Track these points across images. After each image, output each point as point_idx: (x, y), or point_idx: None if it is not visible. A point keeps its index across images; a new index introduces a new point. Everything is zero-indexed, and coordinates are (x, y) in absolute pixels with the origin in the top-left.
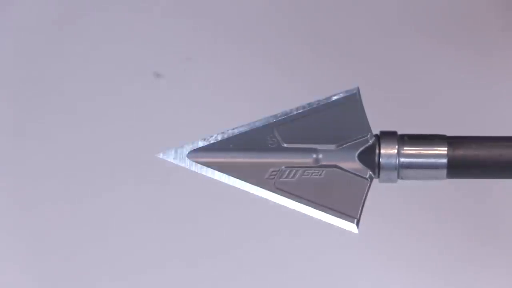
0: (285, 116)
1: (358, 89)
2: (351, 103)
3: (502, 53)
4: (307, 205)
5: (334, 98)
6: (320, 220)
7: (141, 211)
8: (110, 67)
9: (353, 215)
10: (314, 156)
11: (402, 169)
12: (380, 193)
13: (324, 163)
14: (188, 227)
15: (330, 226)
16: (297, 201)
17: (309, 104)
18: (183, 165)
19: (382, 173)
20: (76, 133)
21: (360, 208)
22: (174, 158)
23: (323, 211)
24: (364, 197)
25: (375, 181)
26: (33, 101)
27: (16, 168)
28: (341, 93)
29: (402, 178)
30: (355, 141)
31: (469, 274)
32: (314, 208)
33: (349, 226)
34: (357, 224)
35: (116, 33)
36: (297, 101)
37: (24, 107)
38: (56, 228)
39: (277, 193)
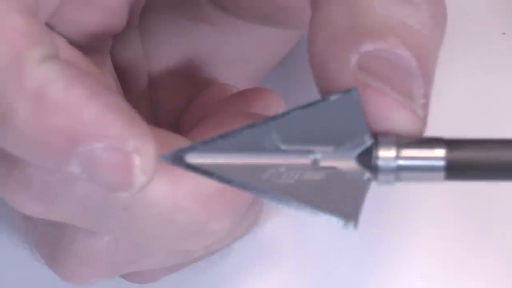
0: (283, 117)
1: (356, 89)
2: (349, 103)
3: (502, 57)
4: (305, 206)
5: (333, 98)
6: (318, 221)
7: None
8: None
9: (351, 216)
10: (313, 157)
11: (400, 172)
12: (379, 194)
13: (322, 164)
14: None
15: (329, 227)
16: (295, 203)
17: (307, 104)
18: (180, 167)
19: (380, 176)
20: None
21: (359, 209)
22: (172, 160)
23: (321, 212)
24: (362, 198)
25: (373, 182)
26: None
27: None
28: (339, 93)
29: (400, 181)
30: (354, 142)
31: (468, 274)
32: (313, 209)
33: (347, 227)
34: (355, 225)
35: None
36: (296, 101)
37: None
38: None
39: (275, 195)
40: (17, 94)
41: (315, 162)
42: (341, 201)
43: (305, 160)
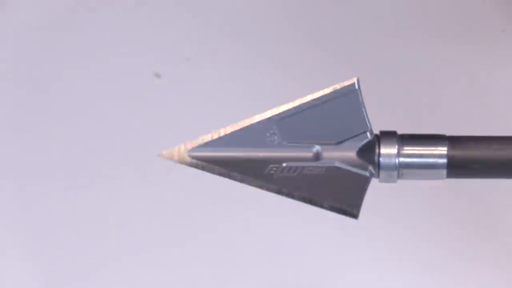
0: (285, 111)
1: (357, 79)
2: (351, 96)
3: (502, 53)
4: (307, 202)
5: (334, 91)
6: (320, 219)
7: (141, 211)
8: (110, 67)
9: (352, 212)
10: (314, 152)
11: (402, 169)
12: (380, 192)
13: (324, 159)
14: (188, 226)
15: (329, 225)
16: (297, 194)
17: (308, 98)
18: (183, 163)
19: (382, 173)
20: (75, 133)
21: (360, 205)
22: (174, 157)
23: (322, 207)
24: (363, 193)
25: (375, 180)
26: (33, 101)
27: (16, 168)
28: (340, 85)
29: (402, 178)
30: (355, 137)
31: (468, 273)
32: (314, 204)
33: (349, 217)
34: (356, 216)
35: (116, 33)
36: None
37: (24, 107)
38: (56, 228)
39: (277, 190)
40: None
41: (317, 156)
42: (343, 193)
43: (307, 154)
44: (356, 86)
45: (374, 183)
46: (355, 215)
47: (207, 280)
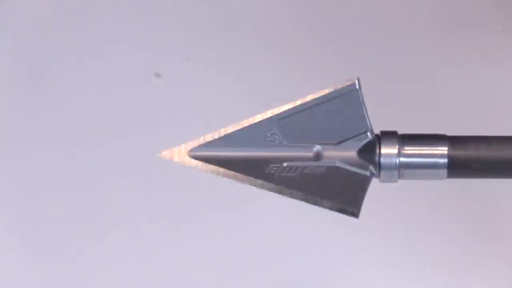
0: (285, 111)
1: (358, 79)
2: (351, 95)
3: (502, 54)
4: (307, 201)
5: (334, 90)
6: (320, 219)
7: (141, 211)
8: (110, 67)
9: (353, 211)
10: (315, 151)
11: (402, 169)
12: (380, 192)
13: (324, 159)
14: (189, 226)
15: (330, 225)
16: (297, 193)
17: (309, 98)
18: (183, 163)
19: (382, 173)
20: (75, 133)
21: (360, 204)
22: (174, 157)
23: (323, 207)
24: (364, 193)
25: (376, 180)
26: (33, 101)
27: (16, 168)
28: (341, 84)
29: (402, 178)
30: (355, 137)
31: (469, 273)
32: (314, 204)
33: (349, 216)
34: (357, 215)
35: (116, 33)
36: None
37: (24, 107)
38: (56, 228)
39: (277, 189)
40: None
41: (317, 156)
42: (343, 193)
43: (308, 154)
44: (357, 86)
45: (374, 183)
46: (355, 214)
47: (207, 280)
